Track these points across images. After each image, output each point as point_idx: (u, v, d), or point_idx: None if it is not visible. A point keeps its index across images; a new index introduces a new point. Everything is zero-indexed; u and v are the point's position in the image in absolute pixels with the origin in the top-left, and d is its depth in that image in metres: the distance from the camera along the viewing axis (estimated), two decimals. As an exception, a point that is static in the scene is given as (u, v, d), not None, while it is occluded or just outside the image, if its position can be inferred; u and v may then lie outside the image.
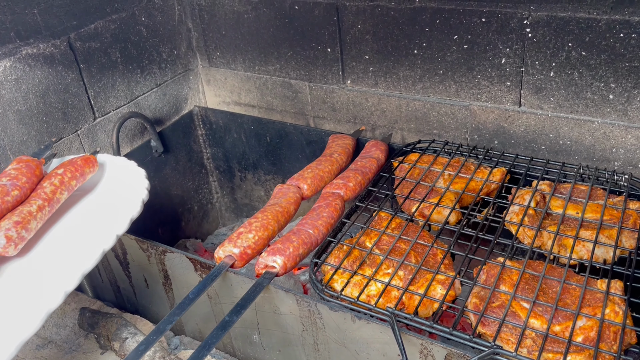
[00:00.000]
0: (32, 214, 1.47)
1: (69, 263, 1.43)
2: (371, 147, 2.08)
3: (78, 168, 1.67)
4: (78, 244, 1.50)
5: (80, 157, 1.71)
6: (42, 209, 1.51)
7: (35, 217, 1.48)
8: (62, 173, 1.62)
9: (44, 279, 1.40)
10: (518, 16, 1.79)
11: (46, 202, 1.53)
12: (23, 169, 1.59)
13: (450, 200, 1.73)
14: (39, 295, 1.34)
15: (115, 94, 2.30)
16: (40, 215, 1.50)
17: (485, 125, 2.04)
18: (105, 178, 1.80)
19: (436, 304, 1.43)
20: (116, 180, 1.78)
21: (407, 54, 2.07)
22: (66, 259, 1.45)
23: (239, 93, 2.65)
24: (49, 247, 1.52)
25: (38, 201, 1.51)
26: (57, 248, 1.51)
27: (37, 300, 1.33)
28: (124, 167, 1.82)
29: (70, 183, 1.63)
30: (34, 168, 1.61)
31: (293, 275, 2.12)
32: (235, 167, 2.72)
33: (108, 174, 1.81)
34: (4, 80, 1.88)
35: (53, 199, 1.55)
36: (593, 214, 1.62)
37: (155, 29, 2.42)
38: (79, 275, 1.39)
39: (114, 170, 1.83)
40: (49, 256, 1.48)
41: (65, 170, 1.63)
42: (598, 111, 1.81)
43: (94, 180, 1.78)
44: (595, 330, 1.28)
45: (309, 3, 2.18)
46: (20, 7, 1.89)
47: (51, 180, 1.59)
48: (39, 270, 1.44)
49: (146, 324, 1.92)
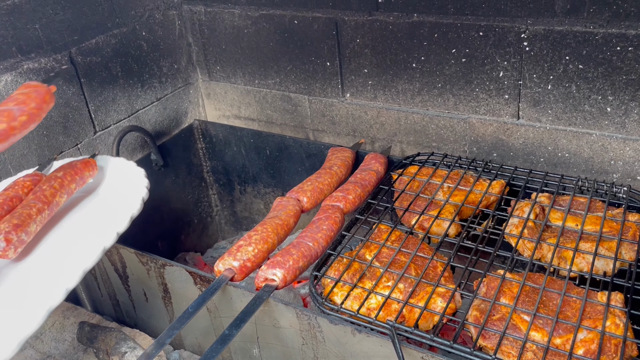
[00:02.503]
0: (32, 216, 1.47)
1: (69, 261, 1.42)
2: (370, 159, 2.09)
3: (78, 171, 1.67)
4: (78, 242, 1.50)
5: (80, 161, 1.72)
6: (41, 211, 1.50)
7: (35, 220, 1.47)
8: (62, 176, 1.62)
9: (45, 278, 1.39)
10: (515, 30, 1.81)
11: (45, 205, 1.52)
12: (32, 94, 1.43)
13: (449, 213, 1.73)
14: (40, 293, 1.33)
15: (115, 108, 2.31)
16: (39, 218, 1.49)
17: (483, 138, 2.05)
18: (105, 178, 1.80)
19: (436, 317, 1.42)
20: (116, 180, 1.78)
21: (405, 68, 2.08)
22: (66, 257, 1.44)
23: (238, 107, 2.66)
24: (49, 246, 1.52)
25: (37, 204, 1.50)
26: (57, 247, 1.51)
27: (38, 297, 1.32)
28: (123, 167, 1.82)
29: (69, 186, 1.62)
30: (43, 94, 1.45)
31: (292, 289, 2.11)
32: (235, 180, 2.72)
33: (108, 174, 1.81)
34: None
35: (52, 202, 1.55)
36: (592, 226, 1.62)
37: (156, 43, 2.44)
38: (80, 272, 1.38)
39: (113, 170, 1.83)
40: (49, 255, 1.48)
41: (65, 173, 1.63)
42: (596, 124, 1.82)
43: (94, 181, 1.78)
44: (597, 342, 1.27)
45: (309, 18, 2.20)
46: (22, 22, 1.91)
47: (51, 183, 1.58)
48: (39, 269, 1.43)
49: (145, 338, 1.91)
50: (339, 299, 1.50)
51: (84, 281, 2.14)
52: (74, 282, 1.36)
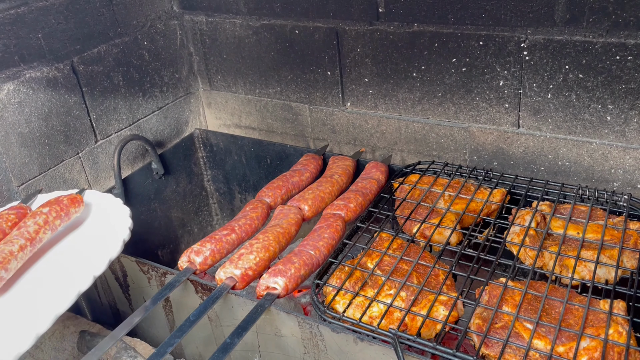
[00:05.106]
0: (13, 253, 1.45)
1: (43, 305, 1.40)
2: (371, 168, 2.09)
3: (63, 208, 1.65)
4: (54, 285, 1.48)
5: (67, 197, 1.70)
6: (23, 248, 1.49)
7: (16, 257, 1.46)
8: (47, 212, 1.60)
9: (16, 322, 1.37)
10: (515, 39, 1.82)
11: (28, 242, 1.51)
12: None
13: (451, 221, 1.74)
14: (10, 338, 1.31)
15: (117, 117, 2.32)
16: (21, 255, 1.48)
17: (484, 147, 2.06)
18: (90, 216, 1.78)
19: (439, 325, 1.42)
20: (100, 218, 1.76)
21: (406, 77, 2.09)
22: (40, 301, 1.42)
23: (239, 116, 2.67)
24: (25, 288, 1.50)
25: (20, 240, 1.49)
26: (32, 289, 1.49)
27: (6, 342, 1.30)
28: (109, 205, 1.82)
29: (54, 222, 1.61)
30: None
31: (293, 298, 2.10)
32: (236, 189, 2.72)
33: (93, 212, 1.80)
34: (7, 103, 1.90)
35: (35, 239, 1.54)
36: (594, 235, 1.63)
37: (157, 53, 2.45)
38: (52, 317, 1.36)
39: (99, 208, 1.82)
40: (24, 297, 1.46)
41: (50, 209, 1.62)
42: (596, 132, 1.83)
43: (80, 217, 1.77)
44: (600, 350, 1.27)
45: (309, 27, 2.22)
46: (25, 31, 1.92)
47: (35, 219, 1.57)
48: (12, 311, 1.41)
49: (146, 347, 1.90)
50: (341, 307, 1.50)
51: (84, 290, 2.13)
52: (45, 327, 1.34)
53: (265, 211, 1.94)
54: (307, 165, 2.19)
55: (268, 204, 1.99)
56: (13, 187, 1.96)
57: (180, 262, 1.70)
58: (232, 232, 1.78)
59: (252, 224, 1.84)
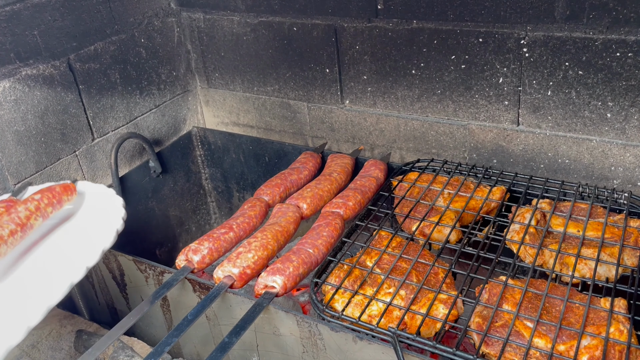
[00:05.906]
0: (3, 238, 1.44)
1: (34, 297, 1.38)
2: (370, 166, 2.08)
3: (56, 195, 1.63)
4: (46, 276, 1.46)
5: (59, 185, 1.68)
6: (14, 233, 1.47)
7: (6, 242, 1.44)
8: (38, 199, 1.59)
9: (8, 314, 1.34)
10: (515, 36, 1.81)
11: (19, 227, 1.49)
12: None
13: (450, 219, 1.73)
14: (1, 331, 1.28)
15: (114, 115, 2.31)
16: (11, 240, 1.46)
17: (483, 145, 2.05)
18: (83, 206, 1.76)
19: (439, 324, 1.41)
20: (93, 209, 1.74)
21: (405, 74, 2.08)
22: (32, 293, 1.40)
23: (237, 114, 2.65)
24: (16, 279, 1.47)
25: (11, 225, 1.47)
26: (24, 281, 1.46)
27: None
28: (102, 195, 1.79)
29: (46, 209, 1.59)
30: None
31: (292, 297, 2.09)
32: (234, 188, 2.71)
33: (86, 202, 1.78)
34: (3, 100, 1.89)
35: (26, 225, 1.52)
36: (594, 232, 1.62)
37: (155, 50, 2.44)
38: (44, 309, 1.34)
39: (92, 198, 1.79)
40: (15, 289, 1.44)
41: (42, 196, 1.60)
42: (596, 130, 1.82)
43: (72, 208, 1.75)
44: (601, 349, 1.26)
45: (308, 25, 2.20)
46: (21, 28, 1.90)
47: (27, 205, 1.55)
48: (3, 304, 1.39)
49: (143, 347, 1.89)
50: (340, 306, 1.49)
51: (81, 289, 2.12)
52: (37, 320, 1.31)
53: (264, 209, 1.93)
54: (305, 163, 2.18)
55: (266, 202, 1.98)
56: (9, 185, 1.95)
57: (177, 260, 1.69)
58: (230, 231, 1.76)
59: (250, 222, 1.83)
